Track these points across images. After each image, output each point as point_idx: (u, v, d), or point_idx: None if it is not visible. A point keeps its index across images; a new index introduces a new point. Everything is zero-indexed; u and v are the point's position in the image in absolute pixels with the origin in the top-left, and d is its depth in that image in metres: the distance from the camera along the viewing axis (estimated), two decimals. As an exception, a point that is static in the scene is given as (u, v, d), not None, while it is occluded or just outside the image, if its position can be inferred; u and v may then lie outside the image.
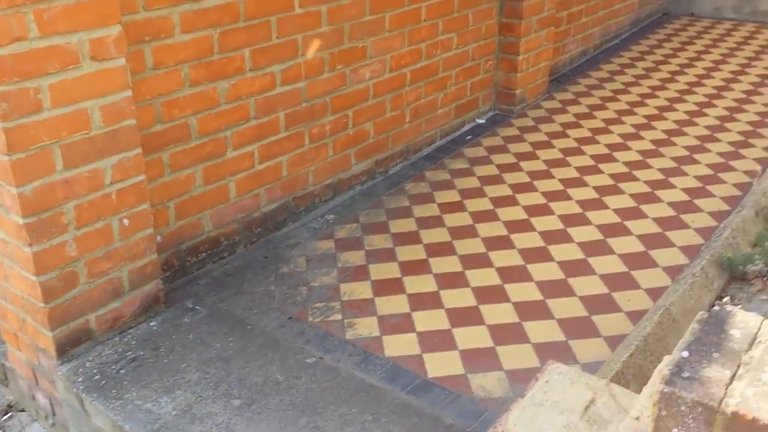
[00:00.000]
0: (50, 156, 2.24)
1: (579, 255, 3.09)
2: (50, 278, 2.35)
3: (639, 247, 3.12)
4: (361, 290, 2.89)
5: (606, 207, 3.46)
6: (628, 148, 4.06)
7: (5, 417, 2.91)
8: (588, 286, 2.89)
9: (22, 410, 2.89)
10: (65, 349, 2.47)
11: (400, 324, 2.71)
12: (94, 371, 2.47)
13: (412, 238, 3.25)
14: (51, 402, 2.66)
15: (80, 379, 2.44)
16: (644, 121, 4.42)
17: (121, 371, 2.47)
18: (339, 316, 2.74)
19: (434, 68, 3.99)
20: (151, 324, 2.68)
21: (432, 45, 3.92)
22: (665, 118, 4.45)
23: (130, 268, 2.58)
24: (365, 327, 2.69)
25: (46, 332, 2.43)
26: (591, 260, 3.06)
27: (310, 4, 3.13)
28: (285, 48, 3.09)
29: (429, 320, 2.72)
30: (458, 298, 2.84)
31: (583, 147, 4.10)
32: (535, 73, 4.66)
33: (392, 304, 2.81)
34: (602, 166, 3.87)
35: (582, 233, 3.25)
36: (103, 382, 2.42)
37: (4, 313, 2.65)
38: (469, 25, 4.16)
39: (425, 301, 2.83)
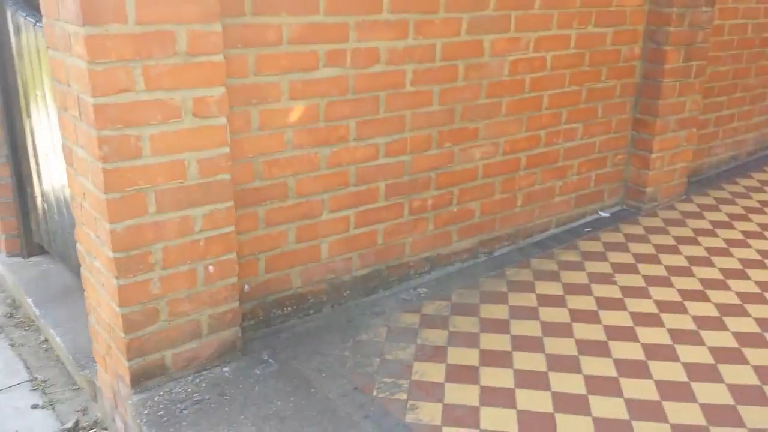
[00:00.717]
0: (144, 199, 2.42)
1: (683, 377, 2.81)
2: (132, 311, 2.51)
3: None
4: (433, 372, 2.80)
5: (725, 329, 3.13)
6: (766, 266, 3.69)
7: (90, 432, 3.09)
8: (686, 413, 2.61)
9: (105, 429, 3.05)
10: (140, 380, 2.60)
11: (465, 417, 2.56)
12: (161, 406, 2.57)
13: (500, 327, 3.12)
14: (125, 427, 2.79)
15: (146, 412, 2.55)
16: (790, 237, 4.02)
17: (184, 411, 2.55)
18: (404, 396, 2.66)
19: (554, 156, 3.90)
20: (224, 369, 2.75)
21: (553, 133, 3.85)
22: (815, 236, 4.02)
23: (210, 312, 2.69)
24: (428, 413, 2.58)
25: (124, 361, 2.57)
26: (694, 385, 2.76)
27: (422, 83, 3.20)
28: (391, 122, 3.16)
29: (497, 419, 2.56)
30: (535, 400, 2.65)
31: (713, 258, 3.78)
32: (671, 173, 4.41)
33: (462, 394, 2.68)
34: (731, 282, 3.53)
35: (691, 354, 2.95)
36: (166, 418, 2.51)
37: (96, 335, 2.84)
38: (597, 117, 4.04)
39: (497, 397, 2.67)
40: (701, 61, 4.30)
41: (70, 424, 3.06)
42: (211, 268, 2.64)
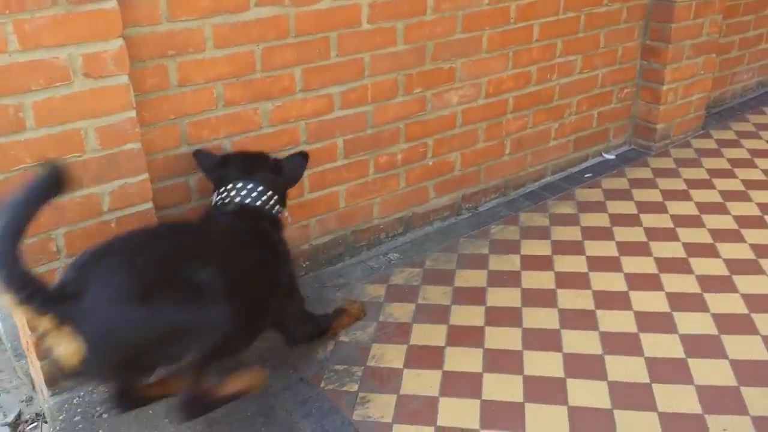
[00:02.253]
0: (35, 178, 2.07)
1: (679, 353, 2.43)
2: (38, 305, 2.19)
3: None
4: (392, 356, 2.46)
5: (735, 290, 2.72)
6: (789, 212, 3.23)
7: (31, 426, 2.85)
8: (676, 398, 2.24)
9: (46, 422, 2.81)
10: (56, 380, 2.31)
11: (421, 412, 2.22)
12: (78, 410, 2.30)
13: (475, 297, 2.75)
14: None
15: (61, 417, 2.29)
16: (822, 176, 3.52)
17: (104, 415, 2.27)
18: (355, 387, 2.33)
19: (547, 95, 3.42)
20: (155, 362, 2.45)
21: (546, 68, 3.36)
22: None
23: (133, 300, 2.37)
24: (378, 407, 2.25)
25: (36, 361, 2.28)
26: (692, 362, 2.38)
27: (382, 19, 2.74)
28: (346, 68, 2.73)
29: (457, 412, 2.22)
30: (504, 387, 2.31)
31: (728, 203, 3.32)
32: (686, 106, 3.89)
33: (420, 382, 2.34)
34: (746, 233, 3.08)
35: (691, 321, 2.56)
36: (81, 425, 2.24)
37: (21, 329, 2.56)
38: (599, 47, 3.53)
39: (461, 385, 2.33)
40: (722, -26, 3.72)
41: (11, 417, 2.82)
42: (128, 252, 2.30)
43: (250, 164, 2.35)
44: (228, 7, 2.39)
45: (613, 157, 3.83)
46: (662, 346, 2.44)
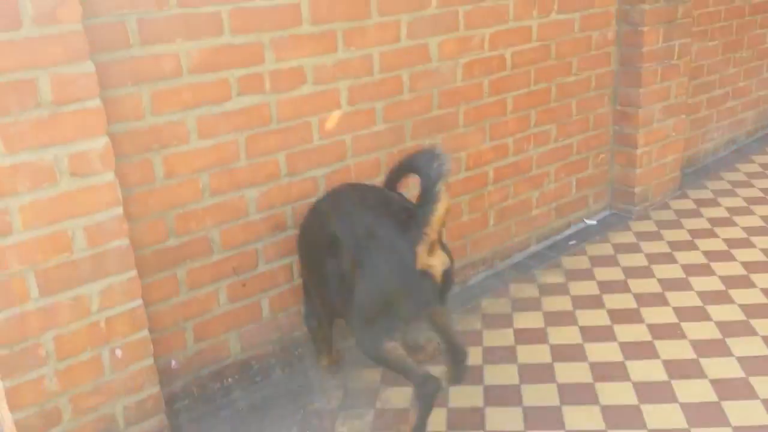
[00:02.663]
0: (23, 283, 2.01)
1: (682, 424, 2.39)
2: (27, 415, 2.10)
3: (767, 412, 2.37)
4: (393, 444, 2.40)
5: (730, 354, 2.71)
6: (773, 270, 3.26)
7: None
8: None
9: None
10: (44, 494, 2.20)
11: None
12: None
13: (472, 375, 2.69)
14: None
15: None
16: (800, 232, 3.59)
17: None
18: (357, 478, 2.26)
19: (526, 164, 3.47)
20: (149, 466, 2.35)
21: (522, 139, 3.41)
22: (830, 228, 3.59)
23: (125, 403, 2.28)
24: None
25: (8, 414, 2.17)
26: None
27: (360, 100, 2.78)
28: (329, 150, 2.74)
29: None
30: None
31: (713, 264, 3.35)
32: (661, 168, 3.97)
33: (424, 468, 2.28)
34: (734, 293, 3.10)
35: (690, 389, 2.54)
36: None
37: (2, 438, 2.45)
38: (572, 115, 3.61)
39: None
40: (684, 39, 3.85)
41: None
42: (118, 352, 2.23)
43: None
44: (210, 99, 2.40)
45: (594, 222, 3.87)
46: (663, 416, 2.41)
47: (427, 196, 2.05)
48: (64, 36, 1.96)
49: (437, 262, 2.13)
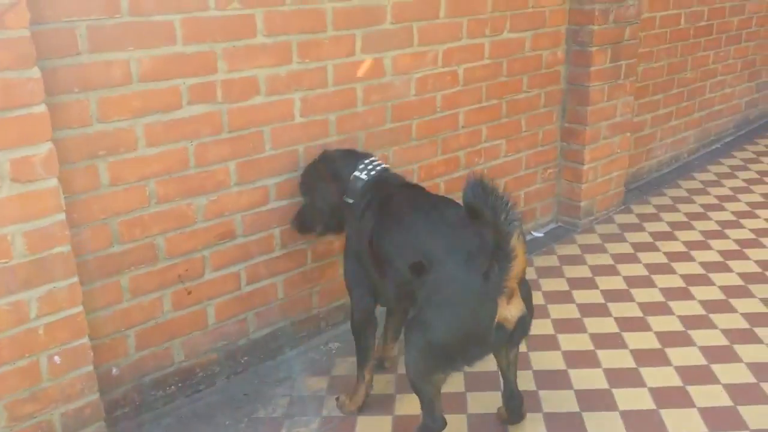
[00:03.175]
0: (-42, 287, 1.98)
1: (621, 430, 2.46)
2: (-41, 423, 2.07)
3: None
4: (337, 452, 2.42)
5: (669, 363, 2.80)
6: (711, 282, 3.37)
7: None
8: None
9: None
10: (-23, 505, 2.15)
11: None
12: None
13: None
14: None
15: None
16: (736, 247, 3.71)
17: None
18: (300, 487, 2.27)
19: (476, 178, 3.53)
20: (87, 475, 2.32)
21: (473, 153, 3.48)
22: (764, 245, 3.72)
23: (63, 410, 2.25)
24: (325, 506, 2.19)
25: None
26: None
27: (314, 112, 2.80)
28: (280, 160, 2.75)
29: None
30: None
31: (653, 276, 3.45)
32: (606, 183, 4.08)
33: (367, 478, 2.30)
34: (673, 305, 3.20)
35: (628, 397, 2.61)
36: None
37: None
38: (521, 131, 3.69)
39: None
40: (631, 59, 3.97)
41: None
42: (56, 359, 2.19)
43: None
44: (160, 107, 2.39)
45: (542, 234, 3.95)
46: (604, 423, 2.48)
47: (506, 248, 2.00)
48: (11, 41, 1.93)
49: (514, 312, 2.13)
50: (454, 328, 2.14)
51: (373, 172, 2.55)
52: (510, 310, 2.11)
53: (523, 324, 2.19)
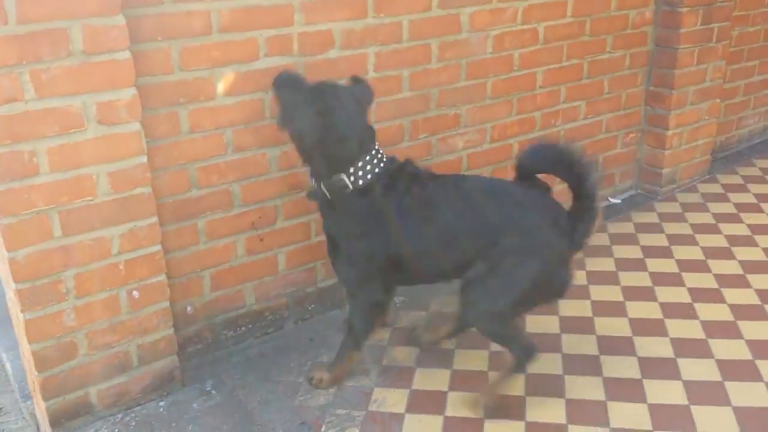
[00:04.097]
0: (47, 221, 2.12)
1: (683, 400, 2.41)
2: (44, 347, 2.23)
3: (768, 397, 2.39)
4: (395, 400, 2.47)
5: (740, 336, 2.71)
6: (795, 257, 3.23)
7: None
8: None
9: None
10: (60, 421, 2.34)
11: (423, 459, 2.24)
12: (84, 450, 2.32)
13: (479, 340, 2.70)
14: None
15: (67, 457, 2.30)
16: (828, 221, 3.53)
17: (106, 452, 2.29)
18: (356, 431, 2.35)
19: (552, 139, 3.46)
20: (160, 404, 2.48)
21: (550, 114, 3.42)
22: None
23: (139, 342, 2.40)
24: (380, 451, 2.27)
25: (41, 401, 2.31)
26: (694, 409, 2.37)
27: (387, 67, 2.82)
28: (353, 113, 2.79)
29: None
30: None
31: (734, 249, 3.33)
32: (691, 150, 3.93)
33: (422, 428, 2.34)
34: (752, 278, 3.08)
35: (695, 369, 2.55)
36: (88, 464, 2.26)
37: (26, 369, 2.59)
38: (603, 93, 3.59)
39: (463, 430, 2.33)
40: (724, 22, 3.78)
41: (15, 457, 2.83)
42: (135, 293, 2.34)
43: None
44: (238, 58, 2.47)
45: (619, 201, 3.86)
46: (666, 393, 2.44)
47: (588, 212, 2.24)
48: (97, -12, 2.04)
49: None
50: (536, 278, 2.26)
51: (384, 162, 2.35)
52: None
53: None
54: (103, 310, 2.30)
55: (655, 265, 3.23)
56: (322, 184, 2.34)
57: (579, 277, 3.14)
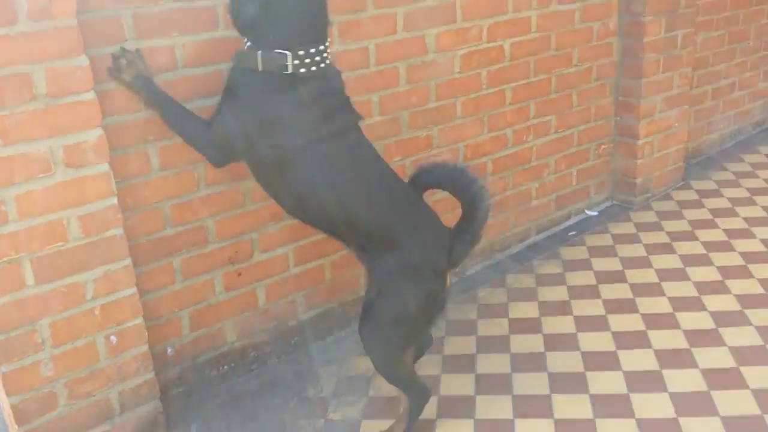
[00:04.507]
0: (18, 270, 2.06)
1: (669, 413, 2.41)
2: (23, 399, 2.16)
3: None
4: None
5: (723, 344, 2.72)
6: (772, 261, 3.26)
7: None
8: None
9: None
10: (43, 475, 2.27)
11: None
12: (70, 502, 2.24)
13: (466, 364, 2.73)
14: None
15: None
16: (801, 223, 3.57)
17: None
18: (346, 463, 2.31)
19: (525, 155, 3.48)
20: (143, 451, 2.42)
21: (521, 130, 3.43)
22: (830, 220, 3.56)
23: (120, 389, 2.34)
24: (371, 483, 2.23)
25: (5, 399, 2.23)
26: (682, 420, 2.36)
27: (354, 93, 2.80)
28: (325, 142, 2.77)
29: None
30: None
31: (711, 255, 3.35)
32: (664, 158, 3.96)
33: (415, 455, 2.32)
34: (731, 283, 3.10)
35: (680, 379, 2.55)
36: None
37: (9, 424, 2.51)
38: (572, 106, 3.61)
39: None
40: (687, 29, 3.83)
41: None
42: (113, 339, 2.28)
43: None
44: (206, 92, 2.44)
45: (595, 213, 3.87)
46: (652, 405, 2.43)
47: (472, 235, 2.26)
48: (59, 30, 2.00)
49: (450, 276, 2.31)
50: (419, 303, 2.21)
51: (322, 65, 2.10)
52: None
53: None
54: (81, 358, 2.23)
55: (634, 276, 3.23)
56: (258, 55, 2.06)
57: (560, 293, 3.15)
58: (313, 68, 2.08)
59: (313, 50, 2.07)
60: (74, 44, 2.03)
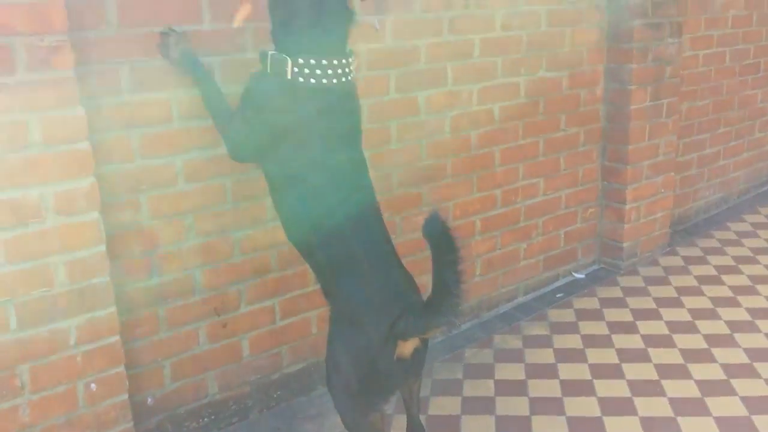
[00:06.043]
0: (2, 314, 2.06)
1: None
2: (-1, 445, 2.14)
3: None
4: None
5: (708, 413, 2.70)
6: (757, 330, 3.26)
7: None
8: None
9: None
10: None
11: None
12: None
13: (451, 426, 2.71)
14: None
15: None
16: (787, 292, 3.60)
17: None
18: None
19: (514, 216, 3.52)
20: (118, 504, 2.36)
21: (510, 191, 3.48)
22: (815, 290, 3.59)
23: (97, 437, 2.31)
24: None
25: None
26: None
27: (349, 149, 2.86)
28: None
29: None
30: None
31: (697, 322, 3.35)
32: (650, 224, 4.01)
33: None
34: (716, 352, 3.10)
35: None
36: None
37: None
38: (560, 169, 3.68)
39: None
40: (672, 98, 3.94)
41: None
42: (93, 386, 2.26)
43: None
44: (200, 144, 2.48)
45: (583, 276, 3.89)
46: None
47: (438, 318, 1.96)
48: (57, 81, 2.05)
49: (410, 347, 2.03)
50: (364, 374, 2.07)
51: (334, 80, 2.03)
52: (405, 348, 2.01)
53: (419, 356, 2.09)
54: (60, 405, 2.21)
55: (621, 341, 3.23)
56: (269, 54, 2.04)
57: (547, 356, 3.14)
58: (313, 80, 2.00)
59: (313, 61, 1.99)
60: (70, 94, 2.07)
